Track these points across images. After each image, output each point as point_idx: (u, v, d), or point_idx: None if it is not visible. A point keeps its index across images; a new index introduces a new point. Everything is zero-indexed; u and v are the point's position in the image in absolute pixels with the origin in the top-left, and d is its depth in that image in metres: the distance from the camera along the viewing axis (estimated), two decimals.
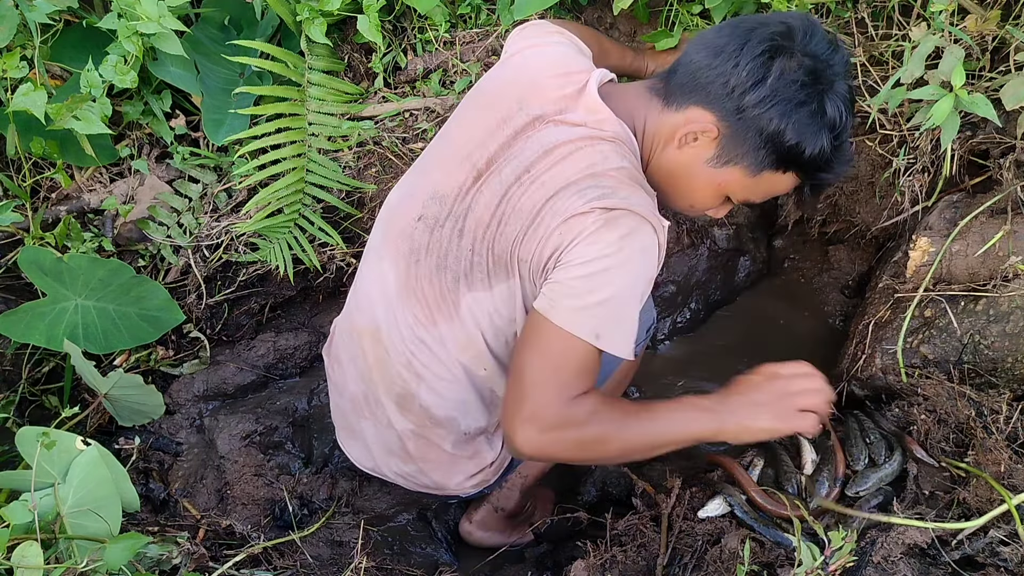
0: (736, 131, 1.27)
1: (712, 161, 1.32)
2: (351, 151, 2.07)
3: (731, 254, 2.32)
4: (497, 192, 1.32)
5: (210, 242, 2.11)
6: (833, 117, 1.24)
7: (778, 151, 1.26)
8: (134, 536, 1.36)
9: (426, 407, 1.51)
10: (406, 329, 1.46)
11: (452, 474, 1.62)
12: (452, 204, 1.38)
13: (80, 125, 1.83)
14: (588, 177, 1.25)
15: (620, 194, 1.24)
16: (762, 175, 1.31)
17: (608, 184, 1.25)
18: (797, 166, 1.29)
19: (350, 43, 2.08)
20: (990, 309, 1.61)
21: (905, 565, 1.29)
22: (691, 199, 1.41)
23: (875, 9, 1.80)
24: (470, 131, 1.40)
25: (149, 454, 2.00)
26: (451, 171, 1.39)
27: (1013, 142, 1.67)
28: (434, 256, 1.39)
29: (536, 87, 1.37)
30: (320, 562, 1.73)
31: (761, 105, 1.23)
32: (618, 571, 1.47)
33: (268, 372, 2.21)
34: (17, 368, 1.98)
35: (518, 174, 1.31)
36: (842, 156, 1.30)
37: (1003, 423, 1.49)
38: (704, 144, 1.31)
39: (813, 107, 1.23)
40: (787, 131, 1.24)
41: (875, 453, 1.51)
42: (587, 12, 2.04)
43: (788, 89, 1.22)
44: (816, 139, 1.25)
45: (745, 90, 1.23)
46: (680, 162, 1.35)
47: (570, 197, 1.24)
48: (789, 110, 1.23)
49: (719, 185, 1.34)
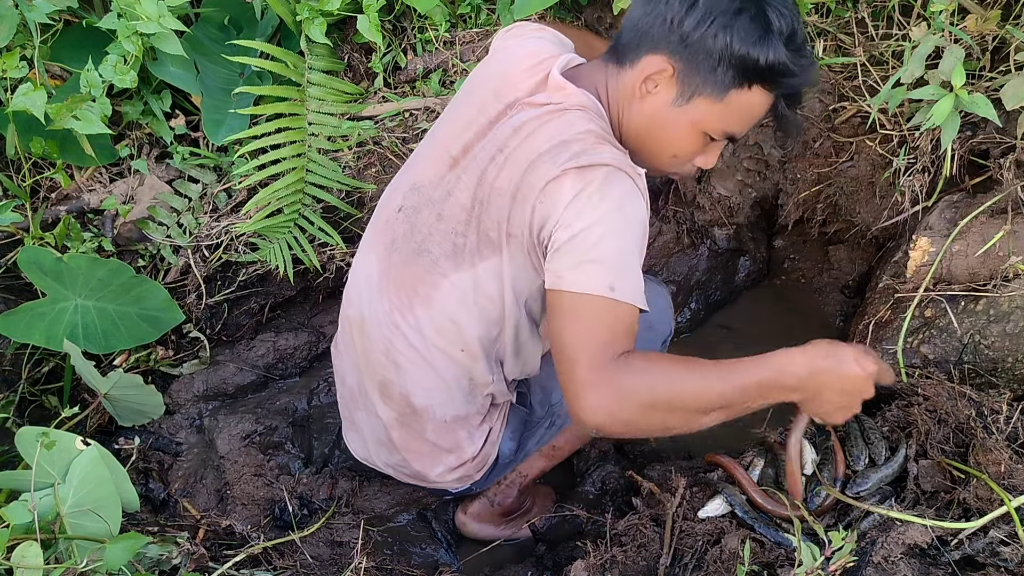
0: (688, 61, 1.27)
1: (677, 100, 1.31)
2: (351, 151, 2.07)
3: (731, 254, 2.32)
4: (474, 175, 1.36)
5: (210, 242, 2.11)
6: (778, 24, 1.24)
7: (734, 65, 1.25)
8: (134, 536, 1.36)
9: (404, 395, 1.54)
10: (384, 316, 1.50)
11: (434, 464, 1.64)
12: (429, 191, 1.42)
13: (80, 125, 1.83)
14: (558, 145, 1.27)
15: (589, 152, 1.26)
16: (728, 96, 1.29)
17: (577, 147, 1.26)
18: (759, 77, 1.27)
19: (350, 43, 2.08)
20: (990, 309, 1.61)
21: (905, 565, 1.29)
22: (671, 148, 1.38)
23: (875, 9, 1.80)
24: (451, 126, 1.45)
25: (149, 454, 2.00)
26: (430, 163, 1.45)
27: (1013, 142, 1.66)
28: (412, 242, 1.44)
29: (509, 77, 1.41)
30: (320, 562, 1.73)
31: (701, 25, 1.24)
32: (618, 571, 1.47)
33: (268, 372, 2.21)
34: (17, 368, 1.98)
35: (492, 155, 1.34)
36: (803, 60, 1.28)
37: (1003, 423, 1.49)
38: (664, 86, 1.31)
39: (752, 13, 1.23)
40: (734, 42, 1.23)
41: (875, 453, 1.51)
42: (587, 12, 2.04)
43: (720, 3, 1.23)
44: (767, 47, 1.24)
45: (682, 18, 1.25)
46: (648, 113, 1.35)
47: (543, 165, 1.26)
48: (728, 21, 1.23)
49: (692, 123, 1.33)
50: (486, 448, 1.66)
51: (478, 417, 1.62)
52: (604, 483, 2.00)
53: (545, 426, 1.74)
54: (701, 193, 2.20)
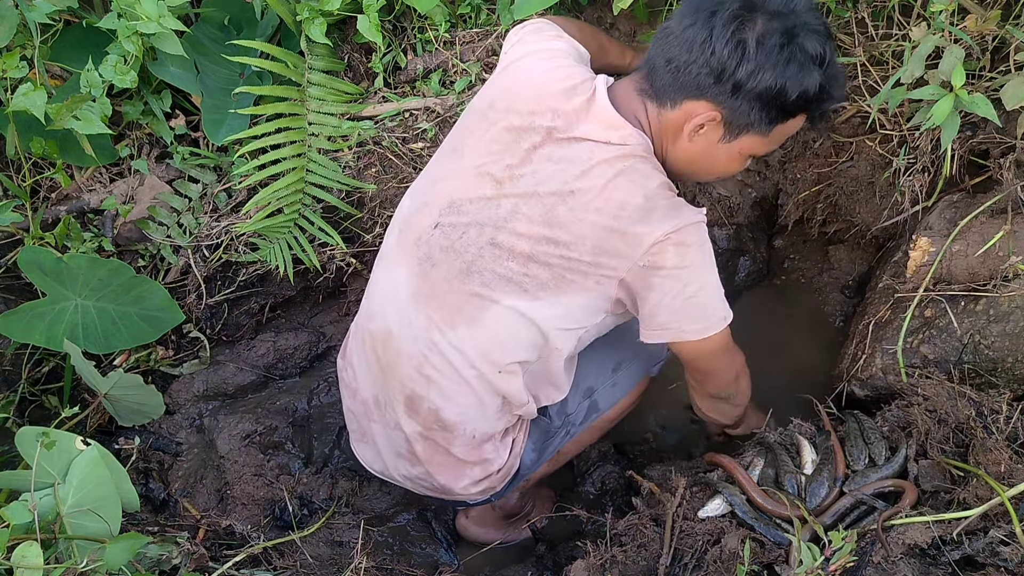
0: (737, 107, 1.32)
1: (724, 139, 1.38)
2: (351, 151, 2.07)
3: (731, 254, 2.32)
4: (539, 211, 1.37)
5: (210, 242, 2.11)
6: (816, 54, 1.28)
7: (783, 106, 1.32)
8: (134, 536, 1.36)
9: (435, 410, 1.52)
10: (421, 331, 1.47)
11: (459, 478, 1.62)
12: (474, 213, 1.41)
13: (80, 125, 1.83)
14: (644, 202, 1.34)
15: (677, 211, 1.35)
16: (775, 129, 1.37)
17: (664, 204, 1.35)
18: (802, 109, 1.34)
19: (350, 43, 2.08)
20: (990, 309, 1.61)
21: (905, 565, 1.29)
22: (717, 172, 1.50)
23: (875, 9, 1.79)
24: (481, 142, 1.43)
25: (149, 454, 2.00)
26: (466, 182, 1.42)
27: (1013, 142, 1.66)
28: (460, 261, 1.42)
29: (543, 99, 1.40)
30: (320, 562, 1.73)
31: (753, 77, 1.28)
32: (618, 571, 1.47)
33: (268, 372, 2.21)
34: (17, 368, 1.98)
35: (561, 194, 1.36)
36: (836, 81, 1.35)
37: (1003, 423, 1.49)
38: (711, 129, 1.37)
39: (800, 58, 1.27)
40: (786, 87, 1.29)
41: (875, 453, 1.51)
42: (587, 12, 2.04)
43: (771, 55, 1.26)
44: (808, 80, 1.29)
45: (732, 71, 1.28)
46: (695, 151, 1.42)
47: (639, 225, 1.33)
48: (780, 71, 1.27)
49: (739, 152, 1.42)
50: (511, 460, 1.65)
51: (504, 431, 1.62)
52: (604, 483, 2.01)
53: (562, 435, 1.74)
54: (701, 193, 2.20)
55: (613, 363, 1.73)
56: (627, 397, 1.77)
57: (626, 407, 1.80)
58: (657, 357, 1.79)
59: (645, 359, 1.78)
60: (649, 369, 1.80)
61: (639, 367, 1.78)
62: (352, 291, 2.26)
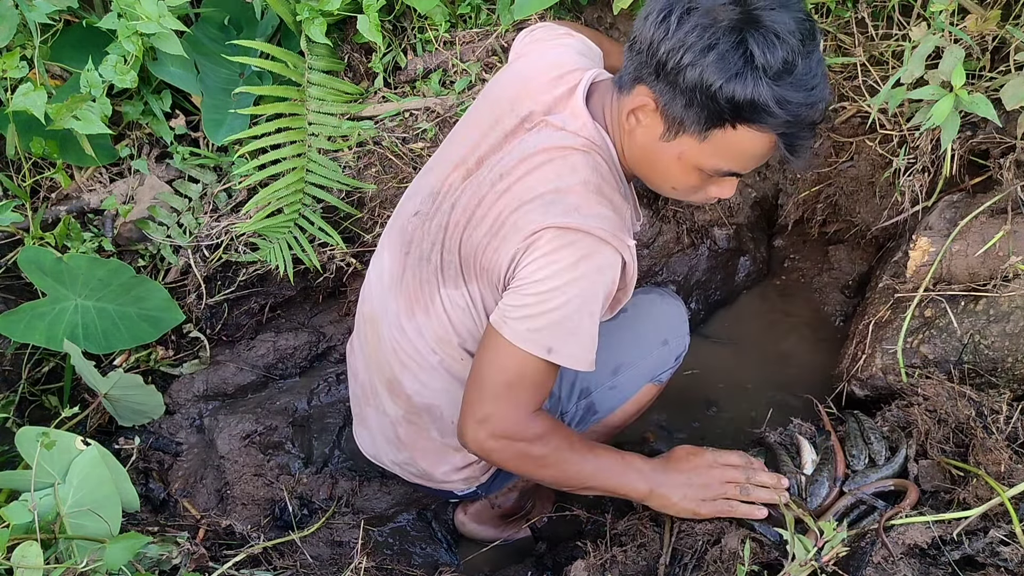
0: (667, 95, 1.19)
1: (665, 135, 1.24)
2: (351, 151, 2.07)
3: (731, 254, 2.32)
4: (475, 194, 1.35)
5: (210, 242, 2.11)
6: (763, 58, 1.11)
7: (709, 104, 1.15)
8: (134, 536, 1.36)
9: (409, 394, 1.55)
10: (392, 317, 1.51)
11: (439, 463, 1.64)
12: (441, 200, 1.42)
13: (80, 125, 1.83)
14: (552, 192, 1.26)
15: (582, 212, 1.24)
16: (711, 135, 1.19)
17: (572, 201, 1.25)
18: (738, 117, 1.16)
19: (350, 43, 2.08)
20: (990, 309, 1.61)
21: (905, 565, 1.29)
22: (668, 180, 1.33)
23: (875, 9, 1.80)
24: (469, 133, 1.44)
25: (149, 454, 2.00)
26: (447, 170, 1.43)
27: (1013, 142, 1.66)
28: (421, 248, 1.44)
29: (529, 88, 1.39)
30: (320, 562, 1.73)
31: (672, 57, 1.14)
32: (618, 571, 1.47)
33: (268, 372, 2.21)
34: (17, 368, 1.98)
35: (494, 180, 1.33)
36: (796, 96, 1.13)
37: (1003, 423, 1.49)
38: (651, 120, 1.24)
39: (723, 48, 1.11)
40: (705, 78, 1.13)
41: (875, 453, 1.51)
42: (587, 12, 2.04)
43: (691, 35, 1.13)
44: (744, 83, 1.12)
45: (655, 48, 1.16)
46: (639, 145, 1.30)
47: (532, 211, 1.25)
48: (698, 56, 1.12)
49: (679, 158, 1.25)
50: None
51: None
52: None
53: None
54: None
55: (612, 365, 1.69)
56: (631, 403, 1.73)
57: (632, 414, 1.75)
58: (664, 364, 1.72)
59: (649, 365, 1.71)
60: (654, 376, 1.72)
61: (642, 372, 1.71)
62: (352, 291, 2.26)
